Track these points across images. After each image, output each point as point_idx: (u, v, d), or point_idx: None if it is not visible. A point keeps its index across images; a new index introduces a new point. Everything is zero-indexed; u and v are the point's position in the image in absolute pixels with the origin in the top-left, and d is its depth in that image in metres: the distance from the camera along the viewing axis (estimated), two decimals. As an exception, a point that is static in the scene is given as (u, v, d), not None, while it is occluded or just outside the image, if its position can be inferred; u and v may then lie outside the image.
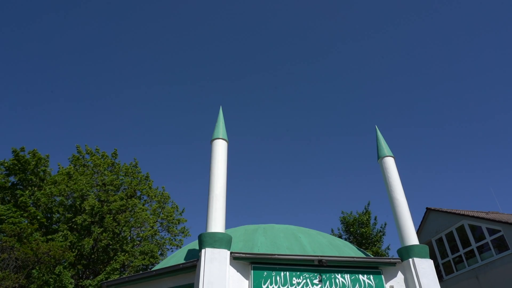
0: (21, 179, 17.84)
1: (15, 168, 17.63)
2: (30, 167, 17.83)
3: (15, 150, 17.77)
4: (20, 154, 17.79)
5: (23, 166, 17.68)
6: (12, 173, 17.74)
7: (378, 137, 10.35)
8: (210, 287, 6.99)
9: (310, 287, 7.60)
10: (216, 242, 7.47)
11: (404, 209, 8.94)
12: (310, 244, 8.84)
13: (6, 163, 17.54)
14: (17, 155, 17.70)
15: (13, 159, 17.63)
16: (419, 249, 8.31)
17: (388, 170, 9.56)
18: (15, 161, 17.61)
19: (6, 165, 17.53)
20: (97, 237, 17.19)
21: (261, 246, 8.50)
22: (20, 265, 14.44)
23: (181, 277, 8.05)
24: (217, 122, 9.59)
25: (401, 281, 8.17)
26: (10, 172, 17.71)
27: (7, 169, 17.59)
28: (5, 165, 17.55)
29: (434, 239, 17.18)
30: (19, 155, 17.72)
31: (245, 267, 7.70)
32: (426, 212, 17.72)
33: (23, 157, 17.79)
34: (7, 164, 17.53)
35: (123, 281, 8.72)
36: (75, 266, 16.67)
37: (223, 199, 8.16)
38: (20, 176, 17.71)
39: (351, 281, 7.83)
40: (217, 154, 8.78)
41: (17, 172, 17.71)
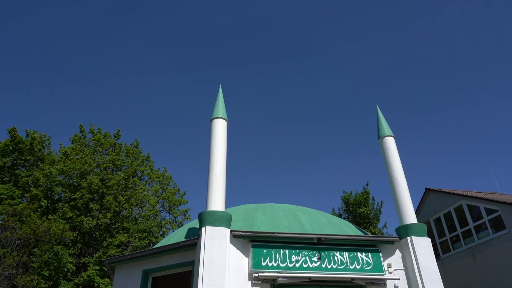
0: (17, 159, 17.84)
1: (9, 149, 17.59)
2: (26, 146, 17.79)
3: (11, 130, 17.73)
4: (15, 135, 17.75)
5: (17, 146, 17.64)
6: (7, 153, 17.71)
7: (379, 116, 10.28)
8: (211, 264, 7.09)
9: (309, 264, 7.70)
10: (216, 221, 7.52)
11: (403, 188, 8.97)
12: (309, 223, 8.92)
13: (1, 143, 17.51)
14: (13, 135, 17.66)
15: (8, 140, 17.61)
16: (417, 227, 8.39)
17: (388, 150, 9.53)
18: (9, 141, 17.59)
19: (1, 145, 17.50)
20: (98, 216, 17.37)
21: (261, 225, 8.57)
22: (22, 243, 14.64)
23: (181, 255, 8.15)
24: (216, 101, 9.51)
25: (398, 259, 8.28)
26: (4, 152, 17.67)
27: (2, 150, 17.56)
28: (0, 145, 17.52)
29: (432, 219, 17.36)
30: (14, 135, 17.67)
31: (245, 245, 7.79)
32: (425, 192, 17.84)
33: (17, 136, 17.75)
34: (2, 145, 17.50)
35: (125, 258, 8.84)
36: (76, 244, 16.90)
37: (223, 178, 8.17)
38: (15, 155, 17.69)
39: (349, 258, 7.94)
40: (217, 134, 8.74)
41: (11, 152, 17.68)
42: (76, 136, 20.70)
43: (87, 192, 17.16)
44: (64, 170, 17.59)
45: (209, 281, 6.91)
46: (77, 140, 20.37)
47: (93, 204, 17.33)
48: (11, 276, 13.62)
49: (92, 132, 20.97)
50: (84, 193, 17.00)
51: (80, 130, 20.95)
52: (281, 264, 7.60)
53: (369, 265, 7.93)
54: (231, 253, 7.51)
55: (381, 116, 10.29)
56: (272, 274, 7.27)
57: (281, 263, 7.61)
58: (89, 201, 17.29)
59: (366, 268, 7.87)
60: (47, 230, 14.50)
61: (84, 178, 17.71)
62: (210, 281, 6.91)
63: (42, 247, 14.62)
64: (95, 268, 15.68)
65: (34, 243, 14.72)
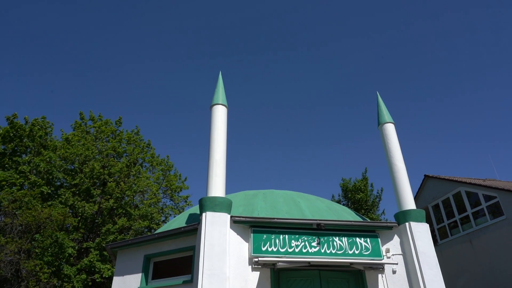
0: (17, 146, 17.85)
1: (10, 135, 17.58)
2: (25, 133, 17.78)
3: (9, 117, 17.67)
4: (14, 121, 17.70)
5: (18, 133, 17.63)
6: (8, 140, 17.71)
7: (379, 103, 10.26)
8: (211, 249, 7.19)
9: (308, 249, 7.81)
10: (216, 206, 7.59)
11: (402, 175, 9.02)
12: (309, 209, 9.00)
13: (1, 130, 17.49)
14: (11, 122, 17.62)
15: (7, 127, 17.58)
16: (416, 213, 8.46)
17: (388, 137, 9.55)
18: (9, 128, 17.56)
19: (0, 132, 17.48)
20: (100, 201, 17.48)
21: (261, 211, 8.65)
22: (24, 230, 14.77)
23: (182, 240, 8.26)
24: (216, 88, 9.48)
25: (397, 244, 8.38)
26: (4, 139, 17.67)
27: (2, 137, 17.55)
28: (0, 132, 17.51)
29: (430, 205, 17.50)
30: (13, 122, 17.63)
31: (245, 230, 7.88)
32: (424, 179, 17.94)
33: (17, 123, 17.71)
34: (2, 131, 17.47)
35: (126, 243, 8.95)
36: (78, 230, 17.05)
37: (223, 164, 8.21)
38: (16, 142, 17.69)
39: (348, 243, 8.04)
40: (217, 120, 8.74)
41: (12, 138, 17.67)
42: (77, 123, 20.68)
43: (88, 177, 17.22)
44: (66, 156, 17.62)
45: (209, 265, 7.01)
46: (77, 127, 20.37)
47: (95, 190, 17.43)
48: (14, 261, 13.80)
49: (92, 119, 20.95)
50: (83, 178, 17.06)
51: (80, 117, 20.92)
52: (280, 249, 7.70)
53: (367, 250, 8.04)
54: (231, 238, 7.60)
55: (381, 103, 10.27)
56: (272, 258, 7.37)
57: (281, 248, 7.71)
58: (90, 186, 17.37)
59: (365, 253, 7.98)
60: (48, 216, 14.61)
61: (86, 164, 17.77)
62: (211, 266, 7.02)
63: (44, 233, 14.76)
64: (96, 253, 15.87)
65: (36, 229, 14.86)
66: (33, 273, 13.75)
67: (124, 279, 8.62)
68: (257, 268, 7.54)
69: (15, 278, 14.25)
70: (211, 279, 6.90)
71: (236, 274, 7.35)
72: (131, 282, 8.46)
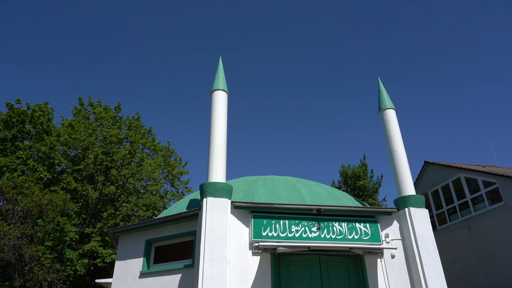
0: (19, 131, 17.84)
1: (12, 121, 17.54)
2: (27, 118, 17.75)
3: (9, 103, 17.59)
4: (15, 107, 17.64)
5: (20, 118, 17.59)
6: (10, 125, 17.70)
7: (380, 89, 10.19)
8: (212, 234, 7.25)
9: (308, 234, 7.87)
10: (217, 192, 7.63)
11: (402, 161, 9.03)
12: (309, 194, 9.04)
13: (3, 116, 17.44)
14: (12, 107, 17.55)
15: (9, 112, 17.52)
16: (415, 199, 8.51)
17: (388, 123, 9.53)
18: (11, 113, 17.50)
19: (2, 117, 17.44)
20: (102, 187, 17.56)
21: (261, 196, 8.70)
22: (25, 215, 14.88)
23: (183, 225, 8.33)
24: (216, 73, 9.41)
25: (396, 229, 8.45)
26: (7, 125, 17.65)
27: (4, 122, 17.52)
28: (2, 117, 17.46)
29: (430, 192, 17.58)
30: (13, 108, 17.57)
31: (246, 215, 7.94)
32: (424, 165, 17.97)
33: (19, 108, 17.65)
34: (4, 116, 17.42)
35: (128, 228, 9.02)
36: (79, 215, 17.19)
37: (223, 150, 8.21)
38: (19, 127, 17.67)
39: (348, 229, 8.10)
40: (217, 106, 8.70)
41: (15, 124, 17.65)
42: (76, 109, 20.62)
43: (92, 164, 17.26)
44: (68, 141, 17.64)
45: (210, 250, 7.09)
46: (77, 113, 20.31)
47: (98, 177, 17.49)
48: (16, 246, 13.96)
49: (91, 105, 20.87)
50: (88, 163, 17.11)
51: (79, 103, 20.84)
52: (281, 234, 7.77)
53: (367, 235, 8.11)
54: (232, 223, 7.66)
55: (383, 89, 10.20)
56: (272, 243, 7.43)
57: (281, 233, 7.78)
58: (93, 173, 17.42)
59: (364, 238, 8.06)
60: (49, 202, 14.71)
61: (89, 150, 17.79)
62: (212, 250, 7.09)
63: (46, 218, 14.88)
64: (97, 239, 16.03)
65: (38, 215, 14.97)
66: (36, 257, 13.93)
67: (126, 264, 8.73)
68: (258, 252, 7.62)
69: (18, 262, 14.44)
70: (212, 263, 6.98)
71: (237, 259, 7.44)
72: (133, 266, 8.57)
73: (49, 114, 18.74)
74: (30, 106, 18.19)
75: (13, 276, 14.37)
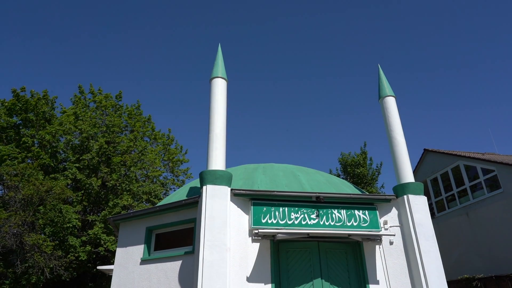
0: (23, 119, 17.81)
1: (15, 108, 17.52)
2: (31, 107, 17.71)
3: (15, 90, 17.55)
4: (20, 94, 17.60)
5: (24, 106, 17.55)
6: (14, 113, 17.68)
7: (380, 76, 10.13)
8: (212, 221, 7.30)
9: (307, 221, 7.93)
10: (217, 179, 7.65)
11: (402, 148, 9.03)
12: (308, 182, 9.07)
13: (6, 103, 17.40)
14: (17, 95, 17.52)
15: (13, 99, 17.48)
16: (414, 186, 8.54)
17: (388, 110, 9.50)
18: (16, 101, 17.46)
19: (6, 104, 17.40)
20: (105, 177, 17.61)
21: (261, 184, 8.73)
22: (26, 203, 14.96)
23: (183, 212, 8.38)
24: (215, 61, 9.33)
25: (394, 216, 8.50)
26: (11, 112, 17.63)
27: (8, 109, 17.49)
28: (5, 104, 17.42)
29: (429, 179, 17.65)
30: (19, 95, 17.53)
31: (245, 203, 7.98)
32: (423, 153, 18.01)
33: (23, 97, 17.60)
34: (8, 104, 17.39)
35: (129, 216, 9.08)
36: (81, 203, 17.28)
37: (223, 138, 8.21)
38: (22, 116, 17.65)
39: (347, 216, 8.16)
40: (216, 93, 8.66)
41: (18, 112, 17.63)
42: (76, 97, 20.50)
43: (96, 154, 17.28)
44: (73, 130, 17.63)
45: (210, 236, 7.15)
46: (77, 101, 20.20)
47: (102, 167, 17.52)
48: (18, 233, 14.07)
49: (92, 93, 20.73)
50: (94, 156, 17.13)
51: (79, 91, 20.70)
52: (280, 221, 7.82)
53: (365, 222, 8.17)
54: (231, 210, 7.70)
55: (383, 76, 10.14)
56: (271, 230, 7.49)
57: (281, 220, 7.83)
58: (97, 163, 17.45)
59: (363, 225, 8.11)
60: (48, 189, 14.76)
61: (92, 139, 17.79)
62: (212, 237, 7.15)
63: (47, 205, 14.96)
64: (101, 226, 16.16)
65: (39, 202, 15.04)
66: (37, 245, 14.05)
67: (127, 250, 8.81)
68: (257, 239, 7.68)
69: (20, 249, 14.58)
70: (212, 250, 7.05)
71: (237, 245, 7.51)
72: (134, 253, 8.65)
73: (53, 103, 18.72)
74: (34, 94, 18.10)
75: (15, 263, 14.52)
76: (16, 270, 14.30)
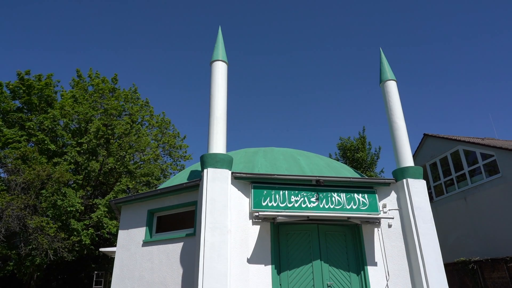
0: (26, 103, 17.77)
1: (19, 92, 17.47)
2: (35, 91, 17.65)
3: (20, 73, 17.45)
4: (25, 78, 17.51)
5: (28, 90, 17.49)
6: (17, 96, 17.63)
7: (382, 60, 10.07)
8: (213, 204, 7.38)
9: (307, 204, 8.02)
10: (217, 163, 7.70)
11: (402, 132, 9.06)
12: (308, 166, 9.13)
13: (11, 85, 17.34)
14: (22, 78, 17.44)
15: (18, 82, 17.41)
16: (413, 170, 8.60)
17: (389, 94, 9.48)
18: (20, 84, 17.40)
19: (10, 87, 17.34)
20: (103, 160, 17.69)
21: (261, 167, 8.79)
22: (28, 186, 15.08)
23: (185, 195, 8.46)
24: (216, 44, 9.26)
25: (393, 200, 8.60)
26: (15, 95, 17.58)
27: (11, 92, 17.44)
28: (10, 87, 17.36)
29: (428, 164, 17.72)
30: (23, 78, 17.45)
31: (246, 186, 8.05)
32: (423, 137, 18.03)
33: (27, 80, 17.52)
34: (12, 86, 17.33)
35: (130, 199, 9.17)
36: (84, 188, 17.42)
37: (223, 121, 8.22)
38: (25, 99, 17.61)
39: (346, 199, 8.24)
40: (216, 77, 8.63)
41: (22, 95, 17.58)
42: (74, 80, 20.42)
43: (94, 137, 17.32)
44: (71, 114, 17.63)
45: (212, 219, 7.25)
46: (76, 85, 20.14)
47: (100, 150, 17.58)
48: (20, 216, 14.23)
49: (90, 76, 20.65)
50: (91, 138, 17.17)
51: (77, 74, 20.61)
52: (280, 204, 7.91)
53: (365, 205, 8.26)
54: (232, 193, 7.78)
55: (384, 60, 10.08)
56: (271, 213, 7.58)
57: (281, 203, 7.92)
58: (96, 146, 17.50)
59: (362, 208, 8.21)
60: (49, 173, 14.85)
61: (91, 122, 17.80)
62: (213, 219, 7.25)
63: (49, 189, 15.08)
64: (104, 209, 16.33)
65: (40, 186, 15.16)
66: (40, 227, 14.22)
67: (129, 233, 8.94)
68: (258, 222, 7.79)
69: (23, 232, 14.77)
70: (213, 232, 7.15)
71: (237, 228, 7.61)
72: (136, 235, 8.78)
73: (55, 87, 18.68)
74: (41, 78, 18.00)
75: (19, 245, 14.73)
76: (20, 252, 14.52)
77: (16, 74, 17.38)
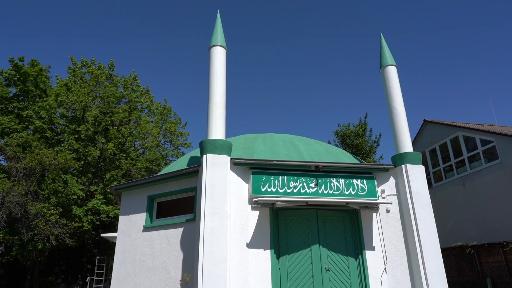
0: (21, 90, 17.66)
1: (14, 79, 17.31)
2: (30, 78, 17.51)
3: (13, 59, 17.24)
4: (19, 64, 17.31)
5: (22, 77, 17.34)
6: (12, 83, 17.47)
7: (382, 45, 9.97)
8: (212, 189, 7.43)
9: (306, 190, 8.06)
10: (217, 149, 7.71)
11: (401, 118, 9.05)
12: (308, 151, 9.15)
13: (5, 73, 17.17)
14: (16, 65, 17.24)
15: (11, 69, 17.23)
16: (412, 156, 8.62)
17: (389, 80, 9.43)
18: (14, 71, 17.22)
19: (5, 75, 17.18)
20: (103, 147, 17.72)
21: (261, 153, 8.80)
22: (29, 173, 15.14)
23: (184, 181, 8.51)
24: (214, 29, 9.16)
25: (392, 185, 8.64)
26: (9, 82, 17.42)
27: (6, 79, 17.29)
28: (4, 75, 17.19)
29: (428, 150, 17.75)
30: (17, 65, 17.26)
31: (245, 172, 8.08)
32: (423, 124, 18.01)
33: (22, 67, 17.33)
34: (6, 73, 17.16)
35: (130, 185, 9.22)
36: (85, 174, 17.49)
37: (222, 107, 8.20)
38: (20, 87, 17.49)
39: (345, 184, 8.28)
40: (215, 62, 8.57)
41: (16, 82, 17.44)
42: (70, 68, 20.25)
43: (91, 125, 17.29)
44: (66, 102, 17.54)
45: (211, 204, 7.30)
46: (72, 73, 19.98)
47: (99, 138, 17.58)
48: (21, 202, 14.33)
49: (85, 64, 20.43)
50: (89, 127, 17.14)
51: (72, 62, 20.40)
52: (279, 189, 7.96)
53: (363, 190, 8.31)
54: (231, 179, 7.82)
55: (384, 45, 9.99)
56: (271, 198, 7.64)
57: (280, 189, 7.96)
58: (94, 134, 17.49)
59: (361, 193, 8.26)
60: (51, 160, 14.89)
61: (87, 110, 17.74)
62: (213, 205, 7.30)
63: (50, 175, 15.15)
64: (100, 197, 16.45)
65: (41, 172, 15.22)
66: (41, 213, 14.34)
67: (129, 218, 9.02)
68: (257, 207, 7.85)
69: (25, 218, 14.90)
70: (213, 217, 7.22)
71: (237, 213, 7.68)
72: (136, 221, 8.86)
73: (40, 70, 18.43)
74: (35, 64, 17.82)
75: (21, 231, 14.88)
76: (23, 237, 14.68)
77: (9, 60, 17.14)
